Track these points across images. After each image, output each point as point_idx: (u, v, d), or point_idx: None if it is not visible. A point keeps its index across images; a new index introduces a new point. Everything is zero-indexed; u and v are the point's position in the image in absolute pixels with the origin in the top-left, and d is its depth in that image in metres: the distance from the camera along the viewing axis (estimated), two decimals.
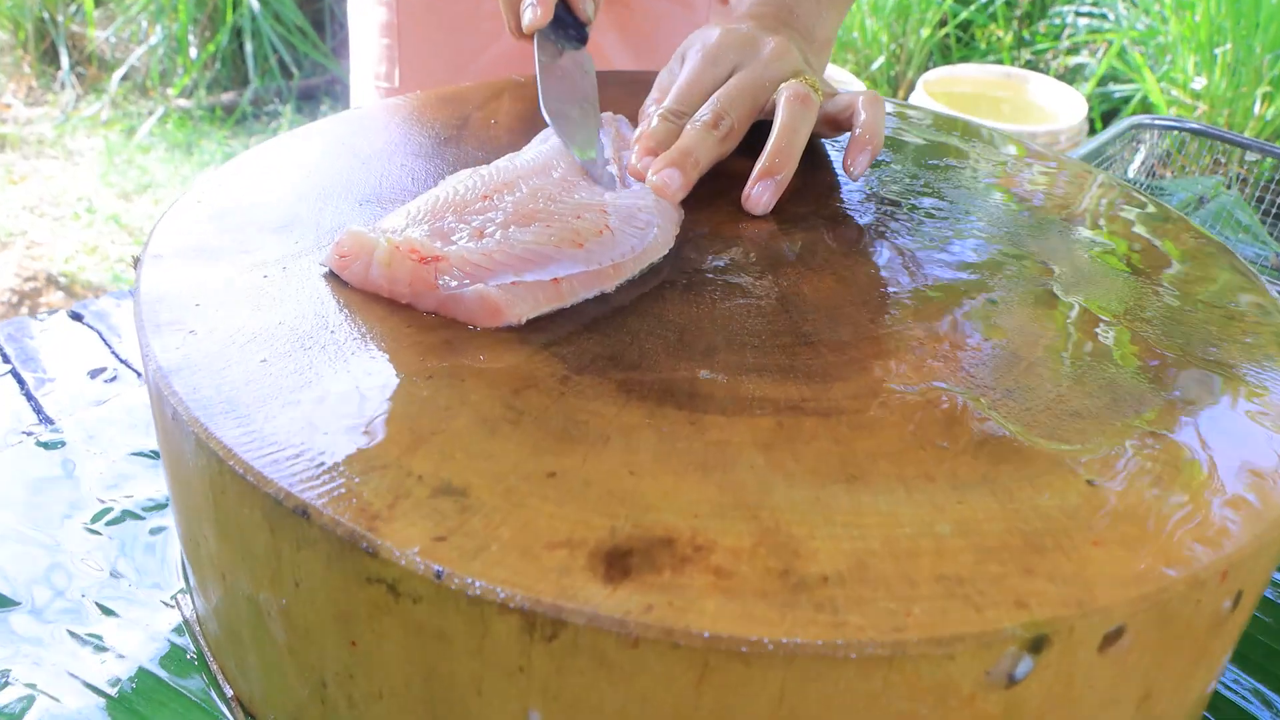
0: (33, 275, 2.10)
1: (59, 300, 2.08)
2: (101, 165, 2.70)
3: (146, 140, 2.91)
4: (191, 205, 0.44)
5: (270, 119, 3.11)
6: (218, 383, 0.32)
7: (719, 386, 0.34)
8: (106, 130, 2.93)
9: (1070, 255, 0.46)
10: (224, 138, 2.95)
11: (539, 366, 0.34)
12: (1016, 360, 0.38)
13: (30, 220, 2.38)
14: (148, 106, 3.04)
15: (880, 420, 0.33)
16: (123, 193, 2.61)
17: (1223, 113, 2.84)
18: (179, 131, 2.94)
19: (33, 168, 2.70)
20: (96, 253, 2.29)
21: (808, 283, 0.41)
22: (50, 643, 0.39)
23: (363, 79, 0.90)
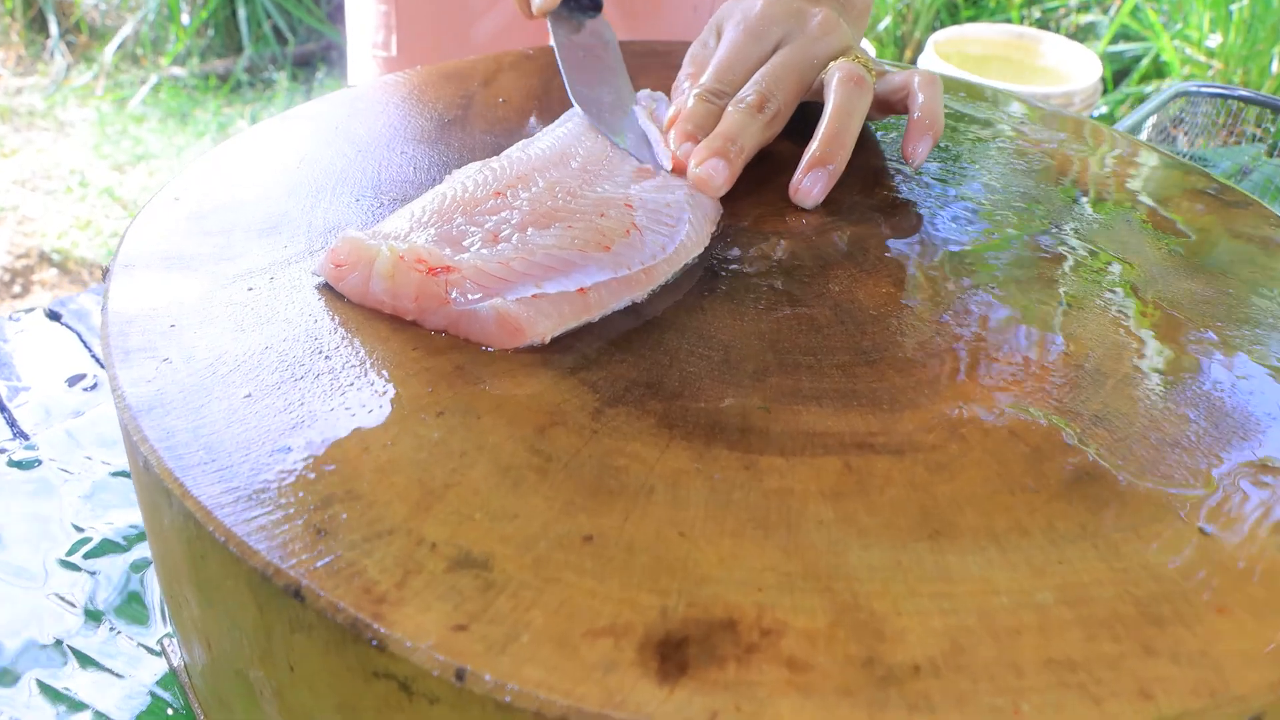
0: (25, 252, 2.06)
1: (52, 278, 2.03)
2: (94, 136, 2.64)
3: (139, 110, 2.84)
4: (168, 204, 0.39)
5: (265, 87, 3.05)
6: (195, 424, 0.27)
7: (774, 419, 0.29)
8: (98, 100, 2.87)
9: (1142, 249, 0.42)
10: (219, 107, 2.89)
11: (566, 397, 0.29)
12: (1101, 378, 0.33)
13: (21, 195, 2.32)
14: (140, 75, 2.98)
15: (960, 458, 0.29)
16: (116, 165, 2.55)
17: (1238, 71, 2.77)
18: (173, 101, 2.88)
19: (24, 140, 2.64)
20: (90, 228, 2.24)
21: (863, 287, 0.37)
22: (19, 699, 0.35)
23: (360, 49, 0.85)
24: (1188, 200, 0.46)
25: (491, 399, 0.29)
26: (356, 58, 0.87)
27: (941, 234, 0.41)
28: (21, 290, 1.97)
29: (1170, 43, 2.68)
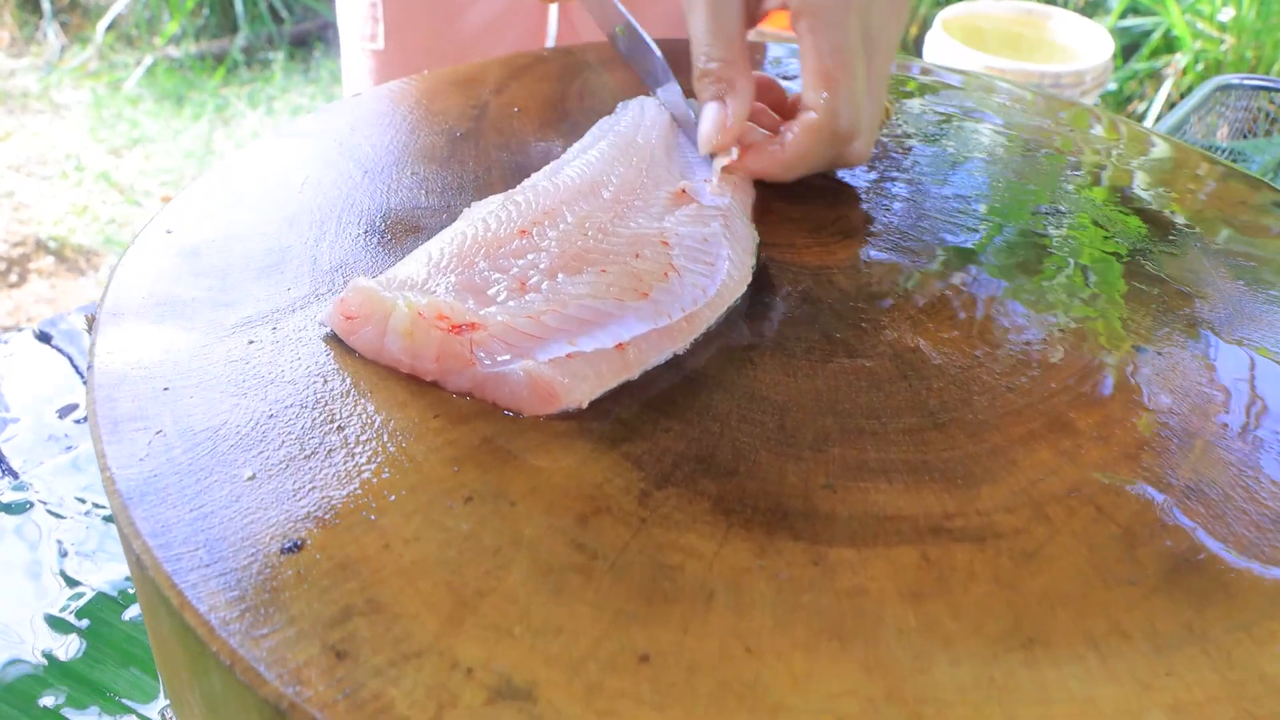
0: (21, 240, 2.02)
1: (49, 266, 2.00)
2: (89, 119, 2.60)
3: (135, 92, 2.80)
4: (160, 237, 0.36)
5: (262, 67, 3.00)
6: (193, 514, 0.24)
7: (841, 500, 0.26)
8: (93, 82, 2.82)
9: (1214, 278, 0.39)
10: (215, 88, 2.84)
11: (609, 477, 0.26)
12: (1189, 439, 0.30)
13: (17, 180, 2.29)
14: (135, 56, 2.93)
15: (1047, 544, 0.26)
16: (112, 148, 2.51)
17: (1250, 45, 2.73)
18: (168, 82, 2.83)
19: (18, 123, 2.60)
20: (86, 213, 2.21)
21: (923, 332, 0.33)
22: None
23: (350, 43, 0.83)
24: (1255, 217, 0.43)
25: (525, 480, 0.26)
26: (348, 51, 0.84)
27: (999, 265, 0.38)
28: (18, 279, 1.94)
29: (1181, 17, 2.63)
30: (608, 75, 0.53)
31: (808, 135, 0.39)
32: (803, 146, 0.39)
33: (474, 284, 0.30)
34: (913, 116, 0.50)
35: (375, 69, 0.83)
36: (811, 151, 0.39)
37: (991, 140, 0.49)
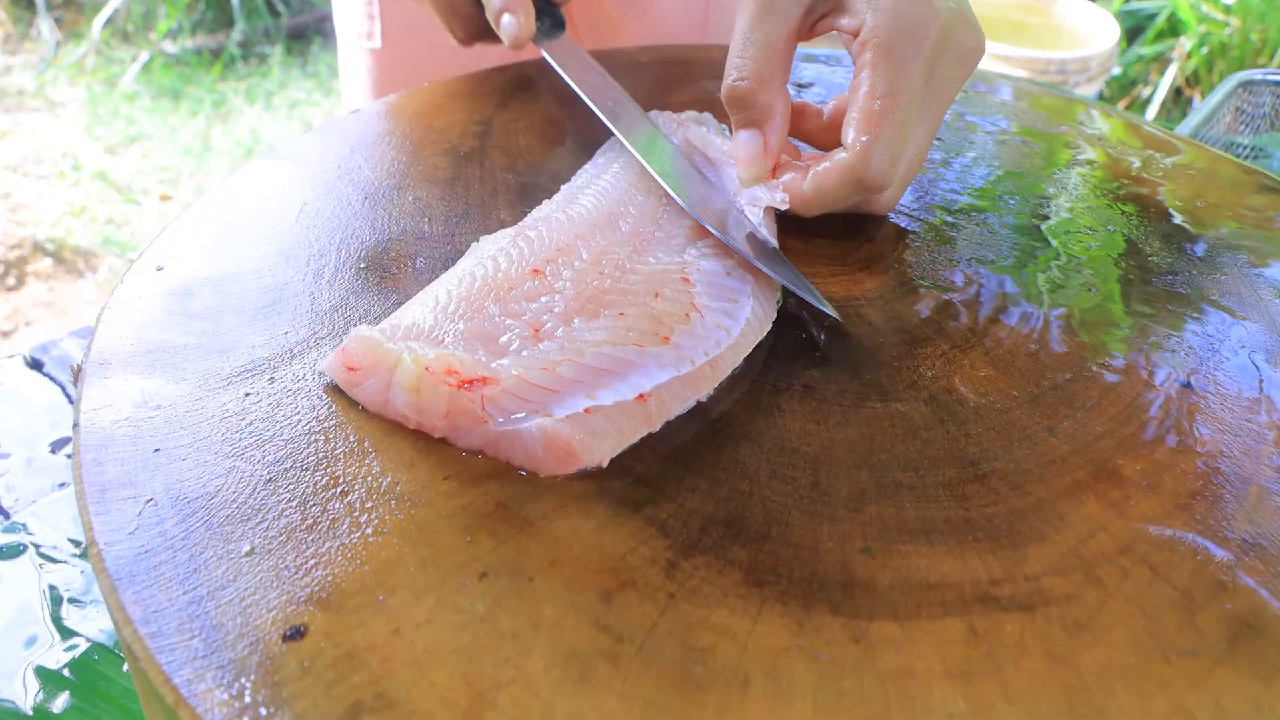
0: (19, 243, 2.00)
1: (48, 268, 1.98)
2: (86, 117, 2.58)
3: (131, 88, 2.77)
4: (149, 275, 0.34)
5: (260, 61, 2.97)
6: (187, 597, 0.23)
7: (881, 566, 0.25)
8: (89, 79, 2.80)
9: (1259, 302, 0.37)
10: (212, 83, 2.82)
11: (633, 545, 0.25)
12: (1243, 484, 0.28)
13: (13, 181, 2.27)
14: (131, 52, 2.90)
15: (1100, 612, 0.24)
16: (109, 146, 2.49)
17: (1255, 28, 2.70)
18: (165, 78, 2.81)
19: (14, 121, 2.58)
20: (84, 214, 2.19)
21: (958, 370, 0.32)
22: None
23: (347, 41, 0.81)
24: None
25: (544, 551, 0.24)
26: (345, 50, 0.83)
27: (1034, 295, 0.36)
28: (16, 282, 1.92)
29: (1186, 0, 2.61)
30: None
31: (835, 177, 0.36)
32: (827, 186, 0.36)
33: (484, 331, 0.29)
34: None
35: (373, 67, 0.81)
36: (835, 194, 0.36)
37: (1018, 154, 0.47)
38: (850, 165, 0.35)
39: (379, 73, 0.81)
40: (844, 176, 0.36)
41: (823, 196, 0.36)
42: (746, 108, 0.37)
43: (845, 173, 0.35)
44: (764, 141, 0.37)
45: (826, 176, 0.36)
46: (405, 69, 0.80)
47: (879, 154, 0.35)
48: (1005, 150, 0.47)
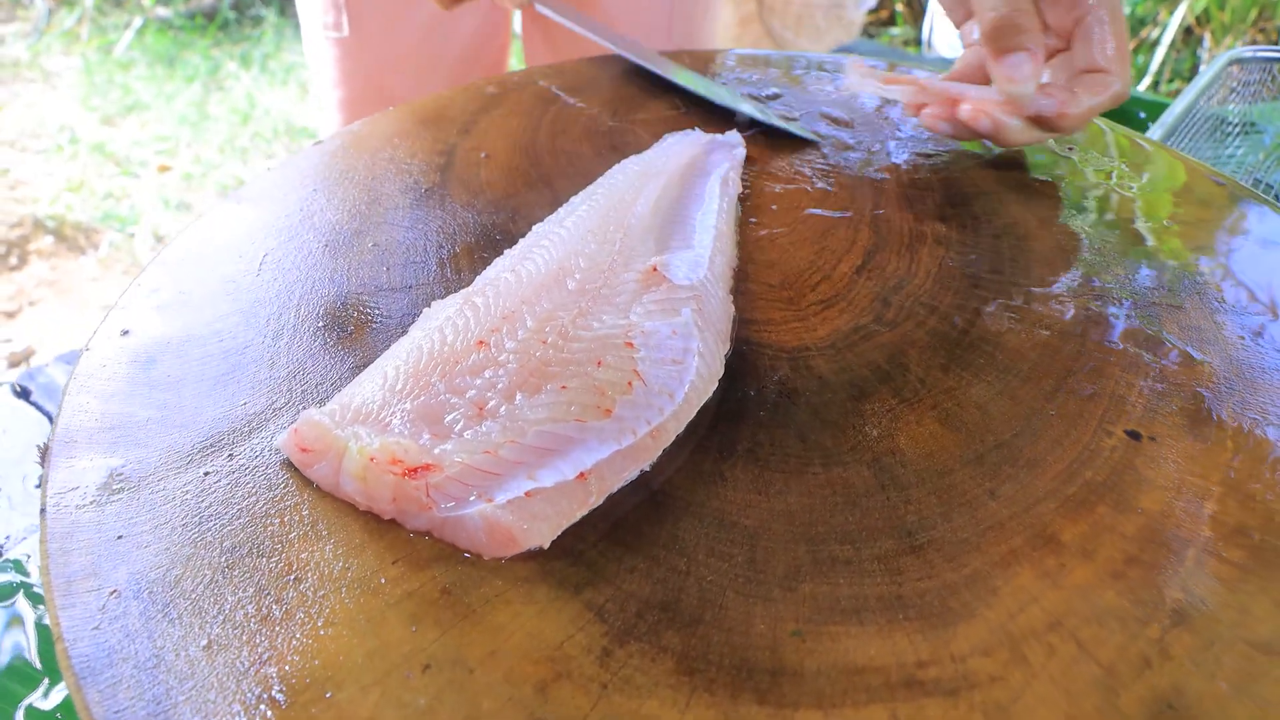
0: (19, 221, 2.01)
1: (49, 246, 1.99)
2: (81, 87, 2.57)
3: (126, 56, 2.76)
4: (115, 340, 0.35)
5: (254, 24, 2.95)
6: (150, 699, 0.24)
7: (810, 651, 0.25)
8: (84, 47, 2.78)
9: (1218, 336, 0.37)
10: (207, 48, 2.80)
11: (571, 632, 0.26)
12: (1180, 549, 0.29)
13: (11, 156, 2.27)
14: (124, 18, 2.88)
15: (1023, 694, 0.25)
16: (105, 116, 2.48)
17: None
18: (159, 45, 2.79)
19: (10, 93, 2.57)
20: (83, 189, 2.19)
21: (904, 429, 0.32)
22: None
23: (312, 31, 0.80)
24: (1267, 255, 0.41)
25: (485, 641, 0.25)
26: (310, 38, 0.82)
27: (994, 343, 0.36)
28: (19, 262, 1.93)
29: None
30: (580, 105, 0.51)
31: (1108, 100, 0.44)
32: (1101, 108, 0.44)
33: (431, 410, 0.29)
34: (906, 140, 0.48)
35: (340, 57, 0.81)
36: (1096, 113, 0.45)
37: (982, 169, 0.47)
38: (1120, 93, 0.45)
39: (347, 62, 0.81)
40: (1114, 100, 0.45)
41: (1090, 115, 0.45)
42: (1017, 33, 0.43)
43: (1116, 99, 0.45)
44: (1034, 61, 0.43)
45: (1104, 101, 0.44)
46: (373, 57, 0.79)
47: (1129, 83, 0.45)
48: (972, 173, 0.47)
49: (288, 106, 2.50)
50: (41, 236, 2.00)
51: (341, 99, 0.81)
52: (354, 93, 0.80)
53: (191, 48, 2.78)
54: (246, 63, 2.72)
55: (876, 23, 3.09)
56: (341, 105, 0.81)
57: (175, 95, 2.55)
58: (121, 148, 2.35)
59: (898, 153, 0.48)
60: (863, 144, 0.49)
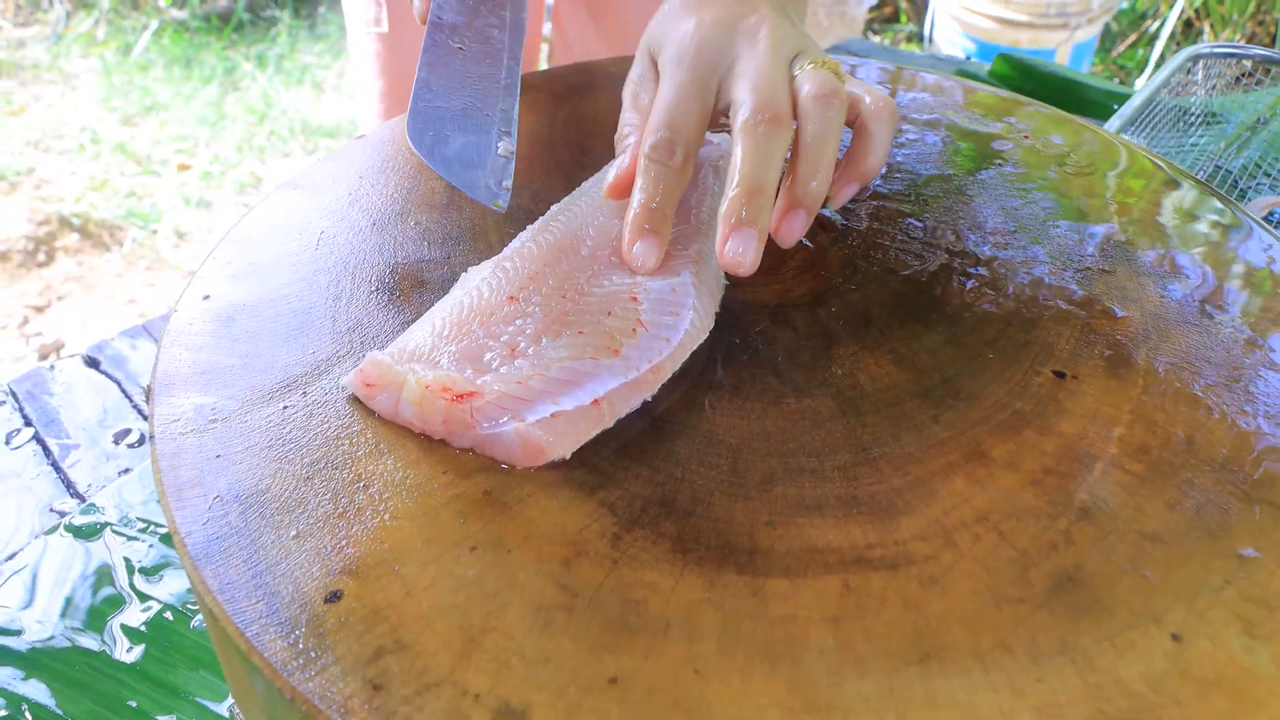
0: (45, 219, 2.08)
1: (74, 243, 2.06)
2: (101, 89, 2.63)
3: (143, 57, 2.82)
4: (197, 304, 0.41)
5: (269, 25, 3.00)
6: (252, 573, 0.30)
7: (780, 536, 0.32)
8: (101, 49, 2.84)
9: (1140, 295, 0.43)
10: (222, 49, 2.86)
11: (587, 523, 0.32)
12: (1090, 463, 0.35)
13: (35, 156, 2.34)
14: (141, 20, 2.94)
15: (951, 570, 0.31)
16: (125, 117, 2.55)
17: None
18: (176, 46, 2.85)
19: (31, 95, 2.64)
20: (106, 187, 2.26)
21: (864, 369, 0.38)
22: None
23: (356, 26, 0.88)
24: (1193, 230, 0.47)
25: (520, 529, 0.32)
26: (353, 34, 0.89)
27: (945, 297, 0.43)
28: (46, 259, 2.00)
29: None
30: (594, 101, 0.57)
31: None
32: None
33: (472, 351, 0.36)
34: None
35: (381, 51, 0.88)
36: None
37: (945, 154, 0.53)
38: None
39: (387, 56, 0.88)
40: None
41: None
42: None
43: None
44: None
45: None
46: (411, 53, 0.86)
47: None
48: (934, 152, 0.53)
49: (303, 106, 2.57)
50: (67, 234, 2.07)
51: (381, 90, 0.88)
52: (392, 85, 0.87)
53: (207, 49, 2.84)
54: (262, 63, 2.78)
55: (880, 19, 3.14)
56: (381, 96, 0.89)
57: (193, 96, 2.62)
58: (142, 147, 2.42)
59: None
60: None
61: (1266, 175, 0.79)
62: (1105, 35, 2.90)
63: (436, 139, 0.42)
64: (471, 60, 0.46)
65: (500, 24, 0.48)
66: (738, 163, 0.38)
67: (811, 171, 0.40)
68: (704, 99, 0.42)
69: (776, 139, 0.39)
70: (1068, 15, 2.31)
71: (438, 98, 0.42)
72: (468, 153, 0.42)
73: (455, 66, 0.45)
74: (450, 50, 0.46)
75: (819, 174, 0.40)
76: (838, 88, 0.41)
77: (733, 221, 0.38)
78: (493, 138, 0.43)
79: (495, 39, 0.47)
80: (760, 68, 0.41)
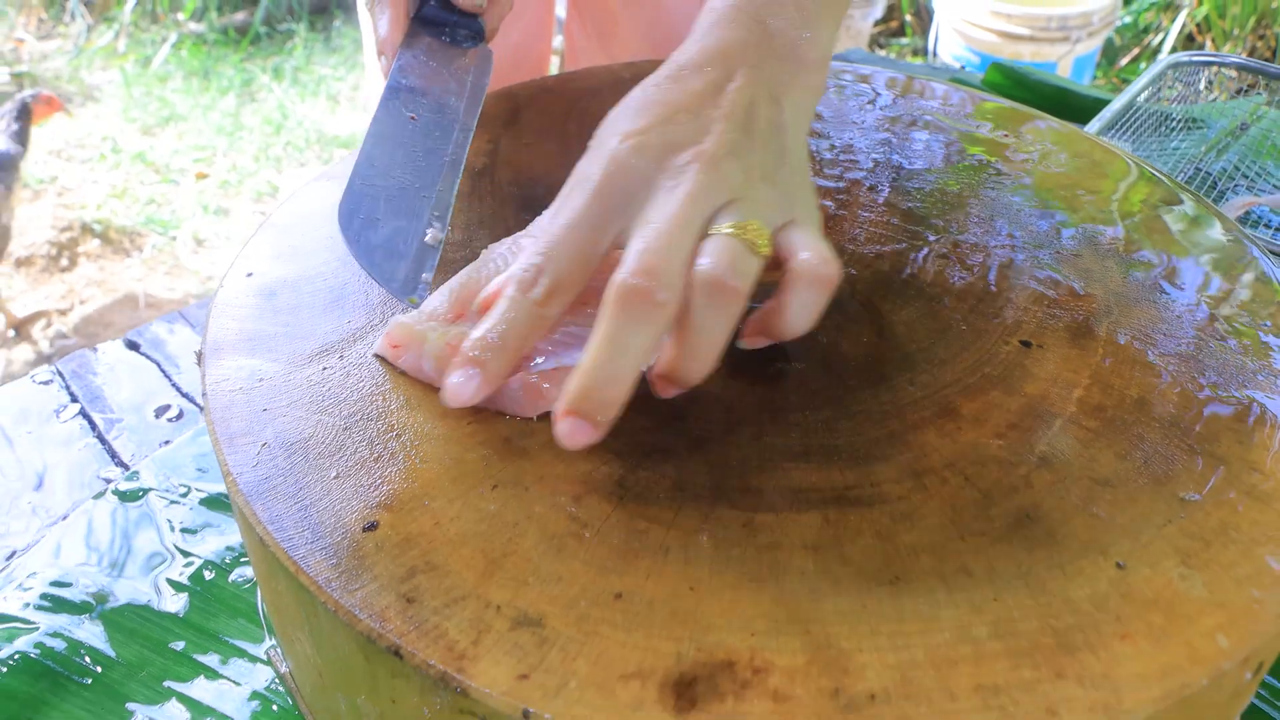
0: (68, 225, 2.13)
1: (96, 249, 2.11)
2: (121, 100, 2.69)
3: (163, 69, 2.88)
4: (242, 280, 0.45)
5: (285, 38, 3.06)
6: (298, 506, 0.34)
7: (769, 479, 0.36)
8: (121, 61, 2.90)
9: (1104, 275, 0.47)
10: (240, 61, 2.92)
11: (596, 465, 0.36)
12: (1050, 420, 0.39)
13: (59, 166, 2.39)
14: (160, 34, 3.00)
15: (921, 507, 0.35)
16: (145, 128, 2.60)
17: None
18: (194, 59, 2.91)
19: None
20: (126, 195, 2.31)
21: (847, 338, 0.42)
22: (160, 706, 0.43)
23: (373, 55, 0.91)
24: (1159, 219, 0.51)
25: (535, 470, 0.35)
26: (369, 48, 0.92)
27: (920, 275, 0.46)
28: (69, 264, 2.05)
29: None
30: (602, 101, 0.61)
31: None
32: None
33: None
34: (866, 128, 0.58)
35: None
36: None
37: (926, 147, 0.57)
38: None
39: None
40: None
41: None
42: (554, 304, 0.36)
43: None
44: None
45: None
46: None
47: None
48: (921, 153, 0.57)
49: (319, 116, 2.62)
50: (89, 240, 2.12)
51: None
52: None
53: (225, 61, 2.90)
54: (278, 75, 2.83)
55: (886, 33, 3.19)
56: None
57: (211, 107, 2.67)
58: (161, 156, 2.47)
59: (859, 140, 0.58)
60: (829, 135, 0.58)
61: (1245, 177, 0.83)
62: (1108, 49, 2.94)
63: (365, 223, 0.40)
64: (421, 131, 0.44)
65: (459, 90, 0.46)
66: (592, 341, 0.34)
67: (691, 357, 0.35)
68: (597, 242, 0.36)
69: (645, 320, 0.34)
70: (1068, 29, 2.35)
71: (377, 175, 0.41)
72: (393, 241, 0.40)
73: (403, 139, 0.43)
74: (402, 120, 0.44)
75: (698, 362, 0.36)
76: (733, 274, 0.35)
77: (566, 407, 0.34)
78: (423, 223, 0.41)
79: (450, 108, 0.46)
80: (659, 229, 0.35)
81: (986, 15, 2.34)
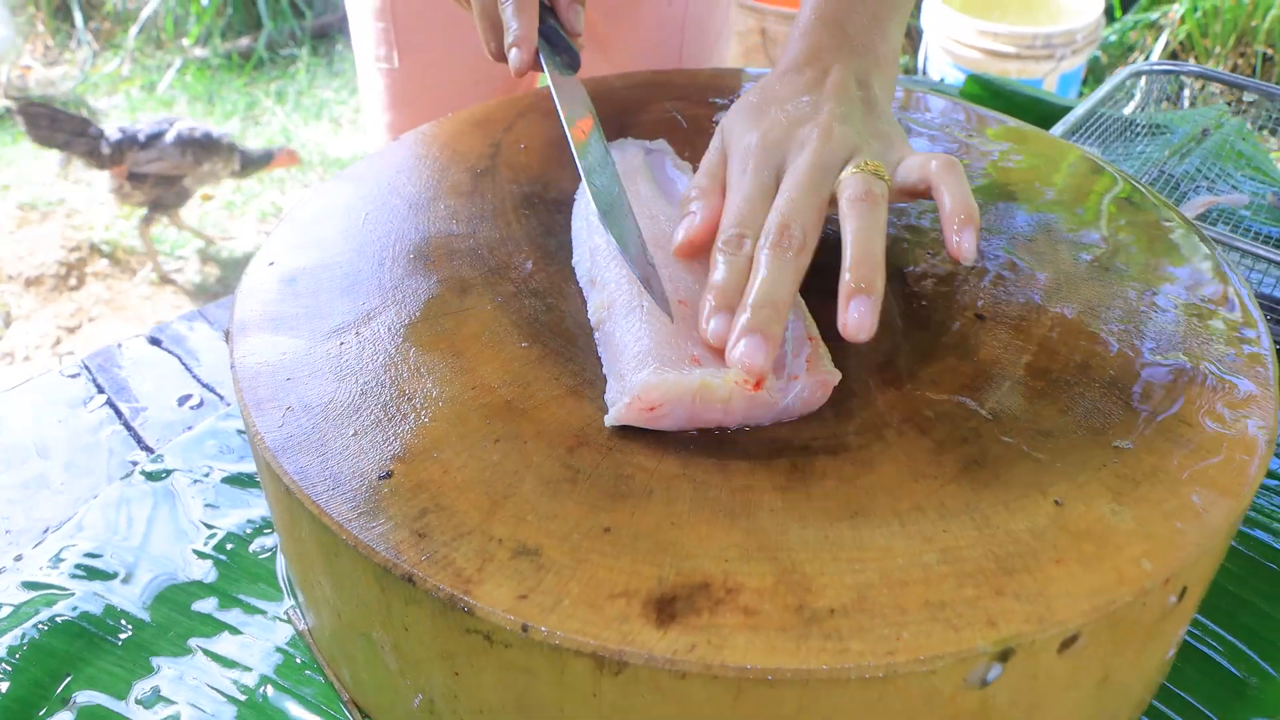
0: (76, 245, 2.17)
1: (104, 268, 2.15)
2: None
3: (167, 94, 2.93)
4: (264, 268, 0.49)
5: (288, 63, 3.12)
6: (320, 460, 0.38)
7: (742, 432, 0.40)
8: (127, 85, 2.96)
9: (1055, 258, 0.51)
10: (243, 85, 2.97)
11: (589, 423, 0.40)
12: (1000, 381, 0.43)
13: (66, 188, 2.44)
14: (165, 59, 3.06)
15: (880, 455, 0.39)
16: None
17: None
18: (198, 83, 2.96)
19: None
20: (132, 217, 2.35)
21: (819, 315, 0.46)
22: (187, 659, 0.47)
23: (364, 61, 0.92)
24: (1110, 210, 0.55)
25: (534, 427, 0.39)
26: (362, 70, 0.94)
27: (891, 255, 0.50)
28: (77, 283, 2.09)
29: None
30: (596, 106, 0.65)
31: None
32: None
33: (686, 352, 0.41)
34: None
35: (390, 86, 0.92)
36: None
37: None
38: None
39: (396, 90, 0.93)
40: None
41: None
42: None
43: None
44: None
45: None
46: (419, 86, 0.92)
47: None
48: None
49: (322, 139, 2.67)
50: (97, 260, 2.17)
51: (389, 123, 0.94)
52: (401, 118, 0.93)
53: (229, 86, 2.95)
54: (281, 99, 2.89)
55: None
56: (389, 129, 0.94)
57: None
58: None
59: None
60: None
61: (1206, 179, 0.87)
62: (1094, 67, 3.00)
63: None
64: None
65: None
66: (753, 282, 0.41)
67: (860, 259, 0.41)
68: (767, 198, 0.45)
69: (787, 261, 0.41)
70: (1053, 46, 2.41)
71: None
72: None
73: None
74: None
75: (867, 261, 0.41)
76: (872, 188, 0.43)
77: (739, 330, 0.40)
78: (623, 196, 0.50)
79: None
80: (796, 183, 0.44)
81: (973, 34, 2.40)
